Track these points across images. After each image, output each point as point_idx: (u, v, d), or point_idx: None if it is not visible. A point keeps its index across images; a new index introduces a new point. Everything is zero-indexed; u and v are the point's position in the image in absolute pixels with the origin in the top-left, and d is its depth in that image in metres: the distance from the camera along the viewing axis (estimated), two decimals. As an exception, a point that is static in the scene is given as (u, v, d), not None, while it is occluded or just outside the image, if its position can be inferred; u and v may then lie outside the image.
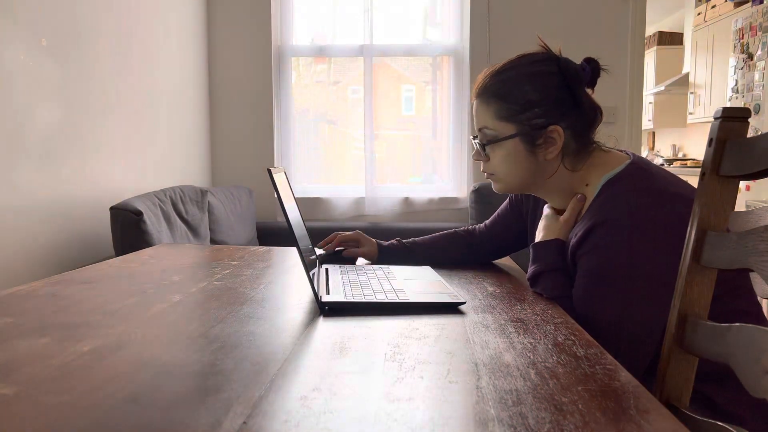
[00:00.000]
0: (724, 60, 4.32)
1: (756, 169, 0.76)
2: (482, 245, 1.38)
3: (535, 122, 1.05)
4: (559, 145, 1.06)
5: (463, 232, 1.41)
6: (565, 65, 1.06)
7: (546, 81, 1.06)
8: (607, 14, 3.02)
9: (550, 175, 1.09)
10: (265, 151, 3.20)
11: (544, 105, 1.05)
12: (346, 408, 0.59)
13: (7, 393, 0.61)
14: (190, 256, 1.48)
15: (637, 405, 0.60)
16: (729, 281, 0.96)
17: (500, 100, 1.07)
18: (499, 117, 1.08)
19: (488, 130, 1.10)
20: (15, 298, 1.01)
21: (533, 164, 1.08)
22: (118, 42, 2.28)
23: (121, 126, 2.30)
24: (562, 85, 1.05)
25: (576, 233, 1.04)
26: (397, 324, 0.89)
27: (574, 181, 1.09)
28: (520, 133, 1.07)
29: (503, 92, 1.07)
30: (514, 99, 1.06)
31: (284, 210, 0.97)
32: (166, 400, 0.59)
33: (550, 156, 1.07)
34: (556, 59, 1.07)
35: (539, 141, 1.06)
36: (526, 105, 1.05)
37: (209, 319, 0.90)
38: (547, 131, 1.05)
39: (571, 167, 1.08)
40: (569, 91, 1.05)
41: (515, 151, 1.08)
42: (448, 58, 3.20)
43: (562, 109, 1.05)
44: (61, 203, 1.95)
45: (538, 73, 1.06)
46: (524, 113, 1.06)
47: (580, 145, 1.08)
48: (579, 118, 1.07)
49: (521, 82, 1.06)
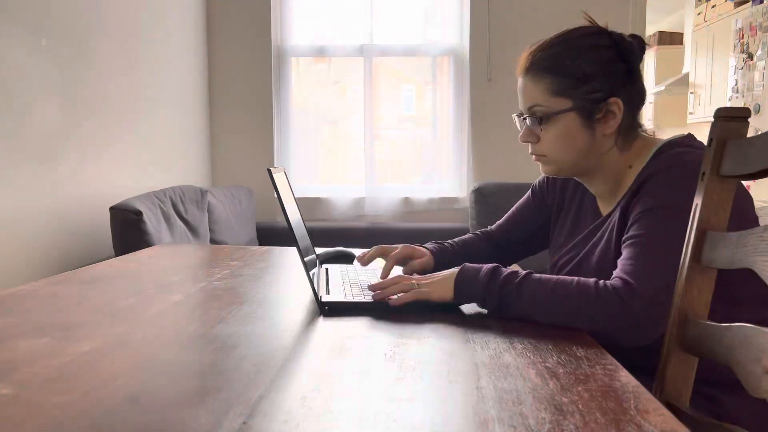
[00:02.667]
0: (724, 60, 4.32)
1: (756, 169, 0.76)
2: (503, 246, 1.30)
3: (593, 96, 1.01)
4: (618, 118, 1.02)
5: (482, 234, 1.33)
6: (620, 38, 1.03)
7: (601, 53, 1.02)
8: (607, 14, 3.00)
9: (604, 153, 1.05)
10: (265, 151, 3.19)
11: (602, 77, 1.01)
12: (346, 408, 0.59)
13: (7, 393, 0.61)
14: (190, 256, 1.48)
15: (637, 405, 0.60)
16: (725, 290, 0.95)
17: (553, 75, 1.03)
18: (552, 92, 1.03)
19: (540, 107, 1.04)
20: (15, 298, 1.01)
21: (589, 141, 1.04)
22: (118, 42, 2.28)
23: (121, 126, 2.30)
24: (617, 58, 1.03)
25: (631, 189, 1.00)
26: (398, 324, 0.89)
27: (620, 162, 1.06)
28: (577, 107, 1.02)
29: (556, 66, 1.03)
30: (569, 72, 1.02)
31: (284, 210, 0.97)
32: (166, 400, 0.59)
33: (608, 131, 1.03)
34: (609, 33, 1.05)
35: (598, 115, 1.02)
36: (582, 78, 1.01)
37: (209, 319, 0.90)
38: (609, 103, 1.02)
39: (622, 146, 1.05)
40: (625, 64, 1.03)
41: (571, 127, 1.03)
42: (448, 58, 3.20)
43: (620, 82, 1.03)
44: (61, 203, 1.95)
45: (593, 46, 1.03)
46: (581, 87, 1.02)
47: (633, 123, 1.05)
48: (635, 93, 1.04)
49: (575, 55, 1.02)
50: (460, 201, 3.18)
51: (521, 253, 1.31)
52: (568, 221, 1.19)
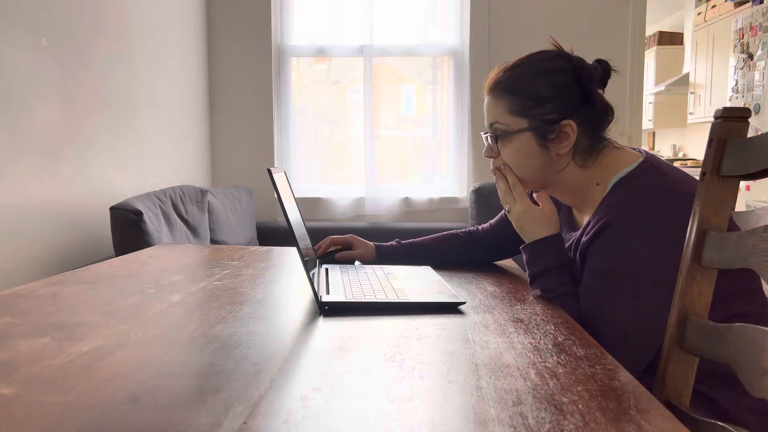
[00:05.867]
0: (724, 60, 4.32)
1: (756, 169, 0.76)
2: (484, 246, 1.38)
3: (547, 117, 1.06)
4: (572, 140, 1.06)
5: (463, 233, 1.41)
6: (579, 63, 1.07)
7: (559, 77, 1.07)
8: (607, 14, 3.02)
9: (559, 171, 1.09)
10: (265, 151, 3.20)
11: (557, 100, 1.06)
12: (346, 408, 0.59)
13: (7, 393, 0.61)
14: (190, 256, 1.48)
15: (637, 405, 0.60)
16: (737, 283, 0.95)
17: (512, 95, 1.08)
18: (511, 111, 1.08)
19: (500, 125, 1.10)
20: (15, 298, 1.01)
21: (545, 159, 1.08)
22: (118, 42, 2.28)
23: (121, 126, 2.30)
24: (575, 82, 1.06)
25: (587, 232, 1.04)
26: (397, 324, 0.89)
27: (584, 178, 1.09)
28: (532, 127, 1.07)
29: (515, 87, 1.08)
30: (526, 93, 1.07)
31: (284, 210, 0.97)
32: (166, 400, 0.59)
33: (562, 151, 1.07)
34: (569, 57, 1.08)
35: (552, 135, 1.06)
36: (538, 99, 1.06)
37: (209, 319, 0.90)
38: (561, 125, 1.05)
39: (581, 164, 1.08)
40: (582, 88, 1.06)
41: (527, 146, 1.08)
42: (448, 58, 3.20)
43: (575, 105, 1.06)
44: (61, 203, 1.95)
45: (551, 69, 1.07)
46: (537, 107, 1.06)
47: (592, 142, 1.08)
48: (591, 115, 1.07)
49: (534, 78, 1.07)
50: (460, 201, 3.18)
51: (498, 257, 1.40)
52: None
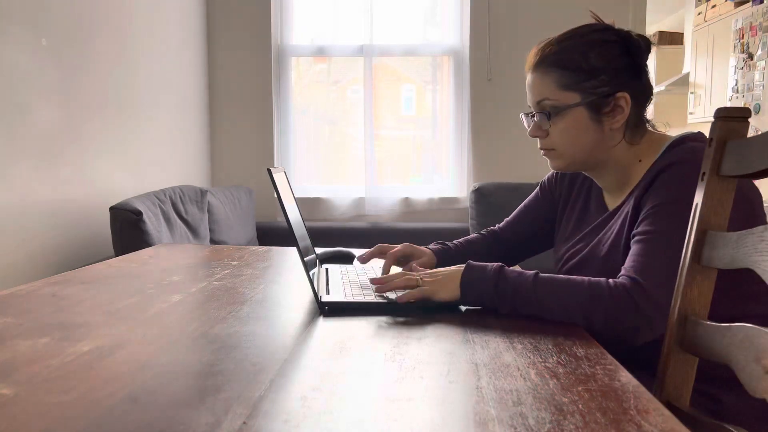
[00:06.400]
0: (724, 60, 4.32)
1: (756, 169, 0.76)
2: (509, 245, 1.29)
3: (601, 90, 1.03)
4: (626, 114, 1.03)
5: (487, 233, 1.32)
6: (627, 35, 1.05)
7: (610, 49, 1.04)
8: (607, 14, 3.01)
9: (612, 147, 1.06)
10: (265, 151, 3.19)
11: (610, 72, 1.03)
12: (346, 408, 0.59)
13: (7, 393, 0.61)
14: (190, 256, 1.48)
15: (637, 405, 0.60)
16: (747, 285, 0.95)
17: (562, 69, 1.04)
18: (561, 86, 1.04)
19: (549, 101, 1.05)
20: (15, 298, 1.01)
21: (598, 135, 1.05)
22: (118, 42, 2.28)
23: (121, 126, 2.30)
24: (624, 53, 1.04)
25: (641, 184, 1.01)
26: (397, 324, 0.89)
27: (630, 156, 1.07)
28: (585, 102, 1.03)
29: (565, 60, 1.04)
30: (577, 66, 1.03)
31: (284, 210, 0.97)
32: (166, 400, 0.59)
33: (616, 125, 1.04)
34: (615, 29, 1.06)
35: (606, 109, 1.03)
36: (591, 72, 1.03)
37: (209, 319, 0.90)
38: (616, 98, 1.03)
39: (630, 140, 1.06)
40: (632, 59, 1.04)
41: (580, 121, 1.04)
42: (448, 58, 3.20)
43: (627, 78, 1.04)
44: (61, 203, 1.95)
45: (600, 41, 1.04)
46: (589, 80, 1.03)
47: (639, 119, 1.06)
48: (642, 89, 1.06)
49: (584, 50, 1.03)
50: (460, 201, 3.18)
51: (526, 252, 1.31)
52: (574, 214, 1.20)
